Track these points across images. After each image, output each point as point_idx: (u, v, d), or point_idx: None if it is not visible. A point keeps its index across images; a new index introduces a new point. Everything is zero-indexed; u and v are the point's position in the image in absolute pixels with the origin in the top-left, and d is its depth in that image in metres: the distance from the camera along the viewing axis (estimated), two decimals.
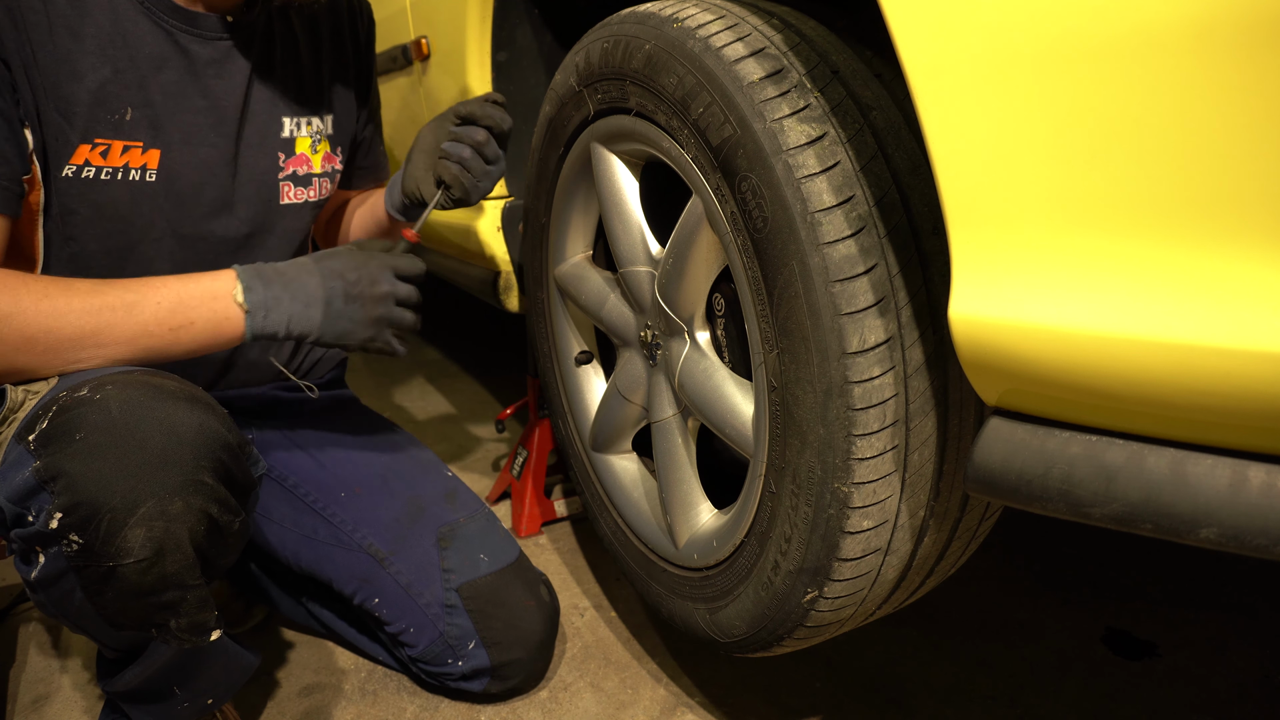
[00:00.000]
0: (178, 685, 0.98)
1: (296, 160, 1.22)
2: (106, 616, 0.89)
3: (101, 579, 0.85)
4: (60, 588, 0.88)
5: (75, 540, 0.84)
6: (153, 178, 1.08)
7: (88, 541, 0.84)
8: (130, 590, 0.86)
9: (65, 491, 0.83)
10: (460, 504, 1.28)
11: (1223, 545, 0.56)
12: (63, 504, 0.83)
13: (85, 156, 1.03)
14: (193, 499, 0.87)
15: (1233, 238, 0.51)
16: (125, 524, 0.83)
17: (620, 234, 1.08)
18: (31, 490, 0.85)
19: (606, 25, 1.01)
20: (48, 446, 0.85)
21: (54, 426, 0.86)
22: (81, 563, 0.85)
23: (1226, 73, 0.49)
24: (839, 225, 0.75)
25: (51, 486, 0.84)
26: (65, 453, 0.84)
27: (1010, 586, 1.39)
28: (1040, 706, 1.13)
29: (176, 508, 0.86)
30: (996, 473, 0.66)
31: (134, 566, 0.84)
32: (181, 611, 0.90)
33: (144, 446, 0.85)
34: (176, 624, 0.90)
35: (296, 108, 1.21)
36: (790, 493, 0.85)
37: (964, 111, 0.61)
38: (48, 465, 0.84)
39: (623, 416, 1.19)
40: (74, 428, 0.85)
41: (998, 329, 0.62)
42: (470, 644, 1.17)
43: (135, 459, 0.85)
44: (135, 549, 0.84)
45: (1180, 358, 0.54)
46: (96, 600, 0.87)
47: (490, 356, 2.78)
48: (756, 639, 0.96)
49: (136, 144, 1.06)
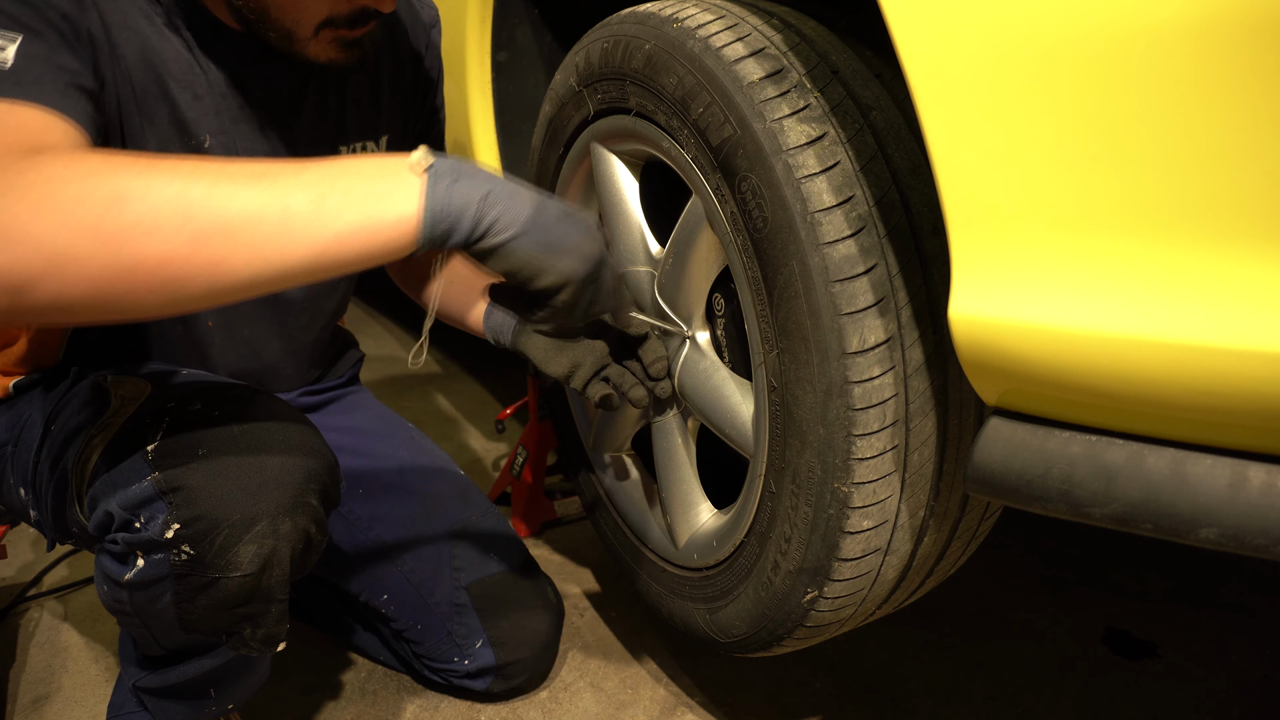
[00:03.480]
0: (215, 688, 1.00)
1: None
2: (187, 622, 0.90)
3: (200, 588, 0.88)
4: (151, 591, 0.89)
5: (187, 551, 0.86)
6: None
7: (199, 553, 0.86)
8: (224, 601, 0.88)
9: (186, 504, 0.85)
10: (472, 502, 1.29)
11: (1223, 545, 0.56)
12: (183, 516, 0.85)
13: None
14: (299, 519, 0.90)
15: (1232, 238, 0.51)
16: (240, 540, 0.86)
17: (620, 234, 1.08)
18: (148, 499, 0.87)
19: (606, 25, 1.01)
20: (167, 459, 0.87)
21: (173, 439, 0.89)
22: (186, 571, 0.87)
23: (1225, 74, 0.49)
24: (839, 225, 0.75)
25: (171, 498, 0.86)
26: (186, 467, 0.86)
27: (1010, 586, 1.39)
28: (1040, 706, 1.13)
29: (286, 527, 0.89)
30: (996, 473, 0.66)
31: (238, 580, 0.87)
32: (261, 623, 0.92)
33: (262, 467, 0.88)
34: (253, 634, 0.92)
35: (352, 134, 1.17)
36: (790, 493, 0.85)
37: (964, 112, 0.61)
38: (169, 477, 0.86)
39: (623, 416, 1.19)
40: (196, 443, 0.88)
41: (998, 329, 0.62)
42: (477, 642, 1.18)
43: (254, 479, 0.87)
44: (244, 564, 0.87)
45: (1180, 358, 0.54)
46: (185, 606, 0.89)
47: (490, 356, 2.77)
48: (756, 639, 0.96)
49: None
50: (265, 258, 0.69)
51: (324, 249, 0.70)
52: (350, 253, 0.71)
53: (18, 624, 1.48)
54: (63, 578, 1.59)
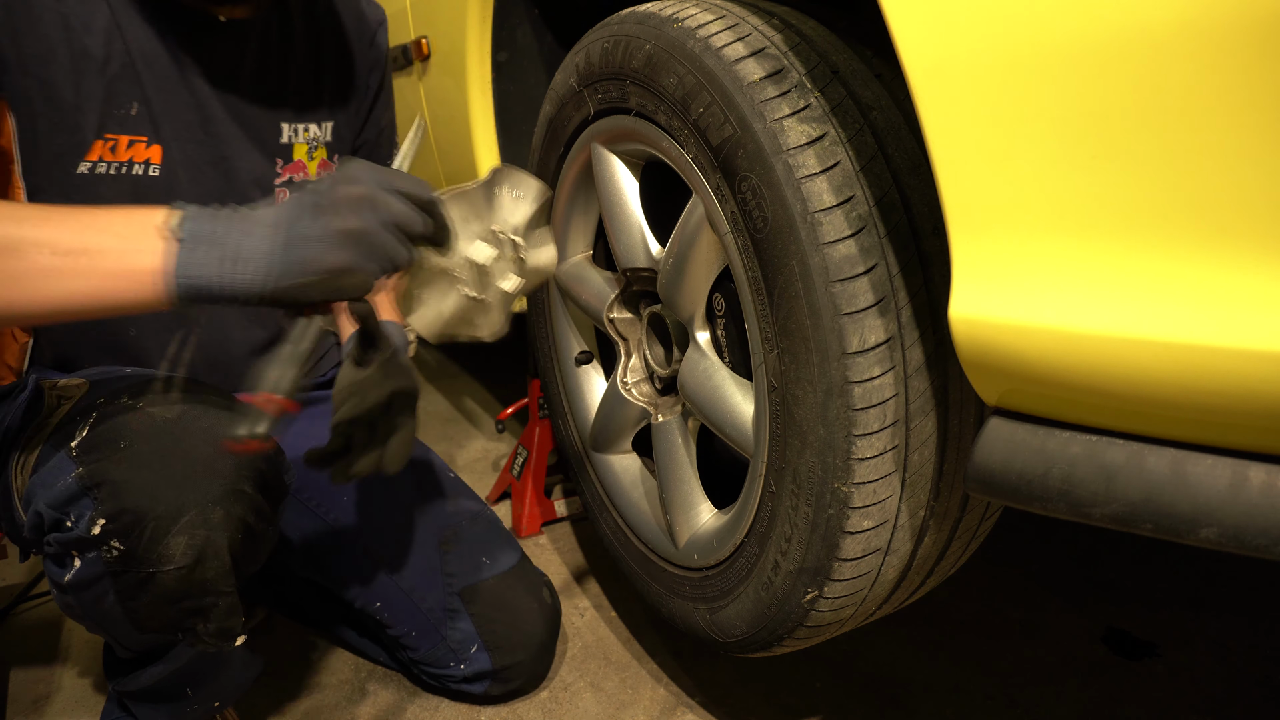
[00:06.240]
0: (191, 687, 0.99)
1: (293, 167, 1.20)
2: (136, 621, 0.89)
3: (138, 584, 0.86)
4: (93, 592, 0.88)
5: (116, 546, 0.85)
6: (156, 173, 1.07)
7: (129, 548, 0.84)
8: (165, 596, 0.87)
9: (109, 499, 0.84)
10: (463, 506, 1.28)
11: (1223, 545, 0.56)
12: (106, 510, 0.84)
13: (100, 153, 1.02)
14: (233, 508, 0.88)
15: (1232, 238, 0.51)
16: (168, 532, 0.84)
17: (620, 234, 1.08)
18: (73, 496, 0.86)
19: (606, 25, 1.01)
20: (90, 453, 0.86)
21: (96, 434, 0.87)
22: (120, 568, 0.86)
23: (1226, 75, 0.49)
24: (839, 225, 0.75)
25: (95, 493, 0.85)
26: (109, 460, 0.85)
27: (1010, 586, 1.39)
28: (1040, 706, 1.13)
29: (218, 516, 0.87)
30: (996, 473, 0.66)
31: (173, 573, 0.85)
32: (211, 617, 0.91)
33: (187, 456, 0.86)
34: (205, 629, 0.91)
35: (294, 113, 1.19)
36: (790, 493, 0.85)
37: (964, 112, 0.61)
38: (91, 472, 0.85)
39: (623, 416, 1.19)
40: (118, 435, 0.86)
41: (998, 329, 0.62)
42: (472, 647, 1.17)
43: (179, 468, 0.85)
44: (176, 556, 0.85)
45: (1180, 358, 0.54)
46: (129, 604, 0.88)
47: (490, 356, 2.77)
48: (756, 639, 0.96)
49: (141, 139, 1.05)
50: (22, 296, 0.74)
51: (75, 297, 0.75)
52: (101, 303, 0.76)
53: (18, 624, 1.48)
54: None
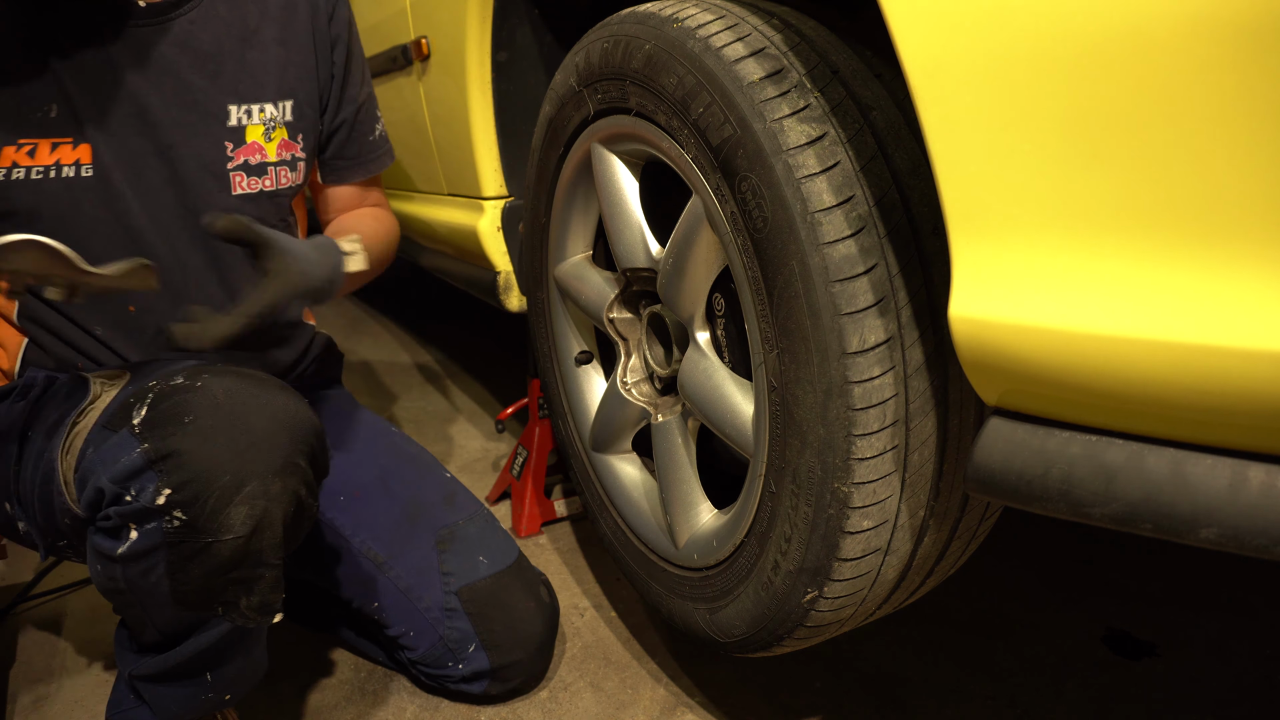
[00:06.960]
0: (211, 670, 1.00)
1: (248, 149, 1.19)
2: (180, 593, 0.91)
3: (193, 554, 0.89)
4: (144, 564, 0.90)
5: (179, 516, 0.87)
6: (89, 173, 1.07)
7: (191, 517, 0.87)
8: (218, 566, 0.89)
9: (176, 470, 0.87)
10: (459, 506, 1.28)
11: (1223, 545, 0.56)
12: (173, 481, 0.87)
13: (12, 158, 1.03)
14: (289, 480, 0.91)
15: (1232, 238, 0.51)
16: (230, 501, 0.87)
17: (620, 234, 1.08)
18: (137, 470, 0.88)
19: (606, 25, 1.01)
20: (154, 429, 0.89)
21: (158, 412, 0.90)
22: (179, 538, 0.88)
23: (1226, 76, 0.49)
24: (839, 225, 0.75)
25: (160, 466, 0.88)
26: (176, 435, 0.88)
27: (1010, 586, 1.39)
28: (1040, 706, 1.13)
29: (276, 488, 0.90)
30: (996, 473, 0.66)
31: (230, 543, 0.88)
32: (255, 590, 0.93)
33: (250, 430, 0.90)
34: (247, 602, 0.93)
35: (241, 94, 1.17)
36: (790, 493, 0.85)
37: (964, 112, 0.61)
38: (157, 446, 0.88)
39: (623, 416, 1.20)
40: (182, 412, 0.89)
41: (998, 329, 0.62)
42: (470, 647, 1.17)
43: (243, 441, 0.89)
44: (236, 525, 0.88)
45: (1180, 358, 0.54)
46: (178, 575, 0.90)
47: (490, 356, 2.78)
48: (756, 639, 0.96)
49: (66, 140, 1.06)
50: None
51: None
52: None
53: (18, 624, 1.48)
54: (63, 578, 1.59)
